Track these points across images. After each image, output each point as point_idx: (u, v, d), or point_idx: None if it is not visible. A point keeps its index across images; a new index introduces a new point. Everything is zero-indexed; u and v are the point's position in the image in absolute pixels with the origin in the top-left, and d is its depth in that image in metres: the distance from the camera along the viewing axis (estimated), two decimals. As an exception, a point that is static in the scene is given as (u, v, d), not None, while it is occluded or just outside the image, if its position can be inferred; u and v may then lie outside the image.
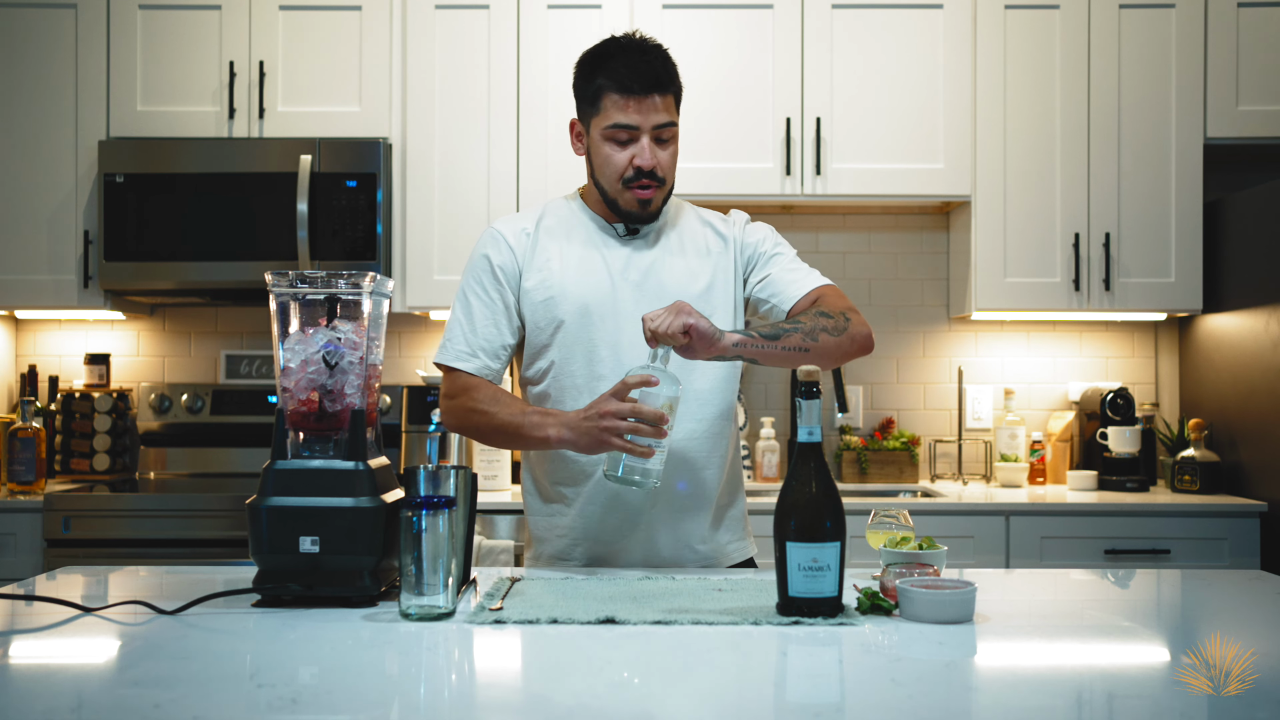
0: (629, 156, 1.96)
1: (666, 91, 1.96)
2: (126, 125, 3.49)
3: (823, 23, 3.49)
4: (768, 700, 1.27)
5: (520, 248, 2.03)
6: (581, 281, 2.00)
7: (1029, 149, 3.51)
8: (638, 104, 1.93)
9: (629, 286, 2.00)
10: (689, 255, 2.05)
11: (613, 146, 1.96)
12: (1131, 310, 3.52)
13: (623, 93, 1.93)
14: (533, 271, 2.01)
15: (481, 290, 2.02)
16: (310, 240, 3.37)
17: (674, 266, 2.03)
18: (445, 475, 1.69)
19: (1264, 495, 3.27)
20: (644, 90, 1.93)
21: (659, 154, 1.97)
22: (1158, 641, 1.57)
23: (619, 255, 2.03)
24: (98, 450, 3.63)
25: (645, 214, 2.00)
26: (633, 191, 1.97)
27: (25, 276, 3.51)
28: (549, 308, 1.99)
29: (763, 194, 3.49)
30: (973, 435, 3.83)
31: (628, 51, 1.96)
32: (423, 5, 3.50)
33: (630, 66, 1.93)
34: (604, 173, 1.99)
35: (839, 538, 1.55)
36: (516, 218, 2.08)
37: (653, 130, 1.95)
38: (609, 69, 1.95)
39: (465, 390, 1.99)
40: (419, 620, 1.55)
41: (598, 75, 1.96)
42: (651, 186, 1.97)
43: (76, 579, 1.93)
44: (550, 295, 1.99)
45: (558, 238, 2.04)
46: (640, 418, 1.75)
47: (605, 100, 1.95)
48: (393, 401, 3.70)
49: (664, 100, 1.96)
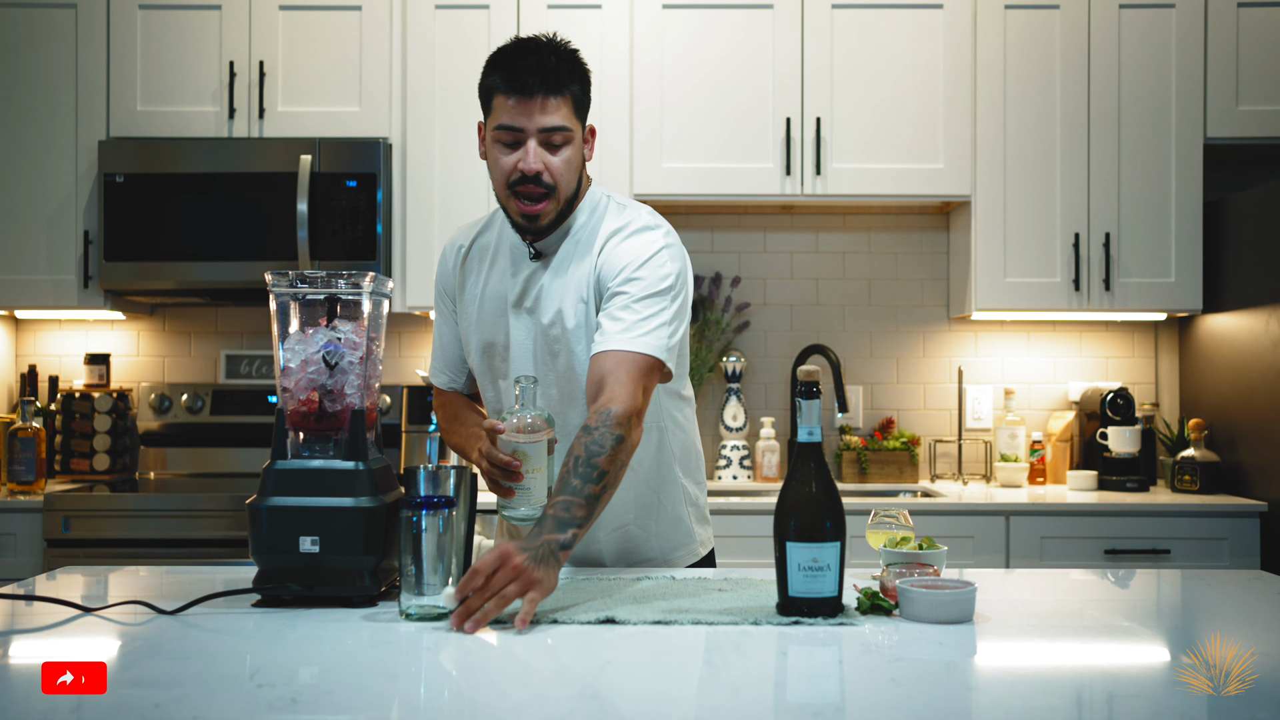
0: (514, 160, 1.84)
1: (559, 93, 1.83)
2: (126, 125, 3.49)
3: (823, 23, 3.49)
4: (768, 700, 1.27)
5: (454, 270, 2.05)
6: (486, 314, 1.98)
7: (1029, 149, 3.51)
8: (523, 105, 1.81)
9: (520, 315, 1.95)
10: (570, 276, 1.92)
11: (500, 149, 1.85)
12: (1131, 310, 3.52)
13: (509, 93, 1.82)
14: (461, 296, 2.04)
15: (439, 309, 2.11)
16: (310, 240, 3.37)
17: (553, 292, 1.92)
18: (445, 475, 1.68)
19: (1264, 495, 3.27)
20: (530, 91, 1.81)
21: (547, 158, 1.84)
22: (1158, 641, 1.57)
23: (520, 279, 1.95)
24: (98, 450, 3.63)
25: (534, 226, 1.88)
26: (517, 200, 1.85)
27: (25, 276, 3.51)
28: (465, 336, 2.04)
29: (763, 194, 3.49)
30: (973, 435, 3.83)
31: (523, 51, 1.84)
32: (423, 5, 3.50)
33: (516, 66, 1.82)
34: (493, 176, 1.89)
35: (839, 538, 1.55)
36: (464, 231, 2.08)
37: (540, 133, 1.83)
38: (500, 69, 1.84)
39: (440, 406, 2.15)
40: (419, 620, 1.55)
41: (491, 74, 1.86)
42: (539, 195, 1.85)
43: (76, 579, 1.93)
44: (466, 324, 2.03)
45: (484, 261, 2.01)
46: (491, 461, 1.74)
47: (495, 100, 1.85)
48: (393, 401, 3.70)
49: (556, 102, 1.83)
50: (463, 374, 2.11)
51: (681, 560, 2.06)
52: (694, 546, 2.08)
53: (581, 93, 1.88)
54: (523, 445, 1.74)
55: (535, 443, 1.75)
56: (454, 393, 2.13)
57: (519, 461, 1.73)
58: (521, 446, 1.74)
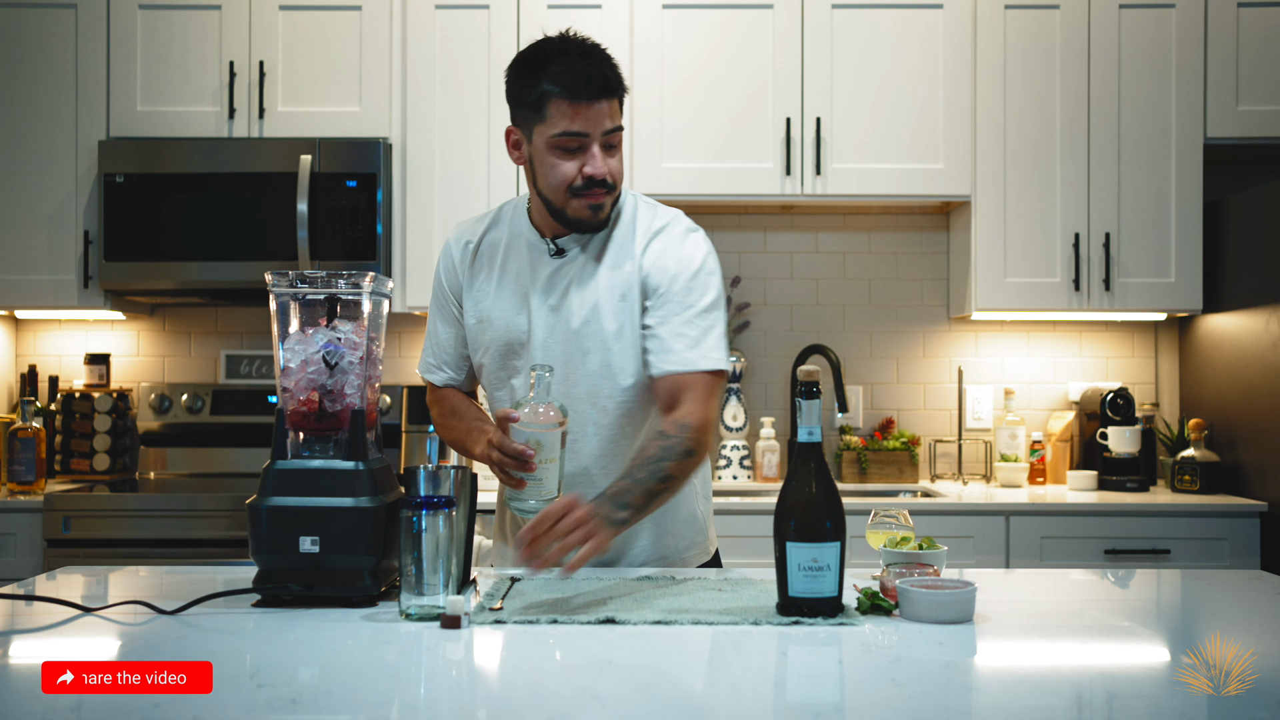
0: (578, 166, 1.84)
1: (614, 95, 1.85)
2: (126, 125, 3.49)
3: (823, 23, 3.49)
4: (768, 700, 1.27)
5: (462, 266, 2.02)
6: (504, 311, 1.97)
7: (1029, 149, 3.51)
8: (587, 111, 1.82)
9: (545, 313, 1.94)
10: (603, 275, 1.93)
11: (560, 155, 1.85)
12: (1131, 310, 3.52)
13: (572, 99, 1.81)
14: (470, 293, 2.01)
15: (438, 305, 2.07)
16: (310, 240, 3.37)
17: (585, 290, 1.93)
18: (445, 475, 1.68)
19: (1264, 495, 3.27)
20: (593, 96, 1.82)
21: (609, 161, 1.86)
22: (1158, 641, 1.57)
23: (543, 277, 1.95)
24: (98, 450, 3.63)
25: (596, 221, 1.89)
26: (583, 200, 1.86)
27: (25, 276, 3.51)
28: (478, 333, 2.00)
29: (763, 194, 3.49)
30: (973, 435, 3.83)
31: (570, 54, 1.84)
32: (423, 5, 3.50)
33: (578, 71, 1.82)
34: (549, 183, 1.87)
35: (839, 538, 1.55)
36: (469, 225, 2.06)
37: (602, 137, 1.85)
38: (554, 73, 1.82)
39: (435, 401, 2.11)
40: (419, 620, 1.55)
41: (540, 79, 1.83)
42: (601, 195, 1.86)
43: (76, 579, 1.93)
44: (479, 320, 2.00)
45: (495, 257, 2.00)
46: (503, 451, 1.73)
47: (551, 107, 1.83)
48: (393, 401, 3.70)
49: (611, 105, 1.85)
50: (461, 371, 2.08)
51: (694, 559, 2.06)
52: (705, 544, 2.09)
53: (626, 93, 1.91)
54: (538, 434, 1.73)
55: (550, 433, 1.74)
56: (449, 389, 2.10)
57: (533, 451, 1.72)
58: (536, 435, 1.73)
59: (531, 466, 1.72)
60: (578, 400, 1.94)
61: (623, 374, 1.93)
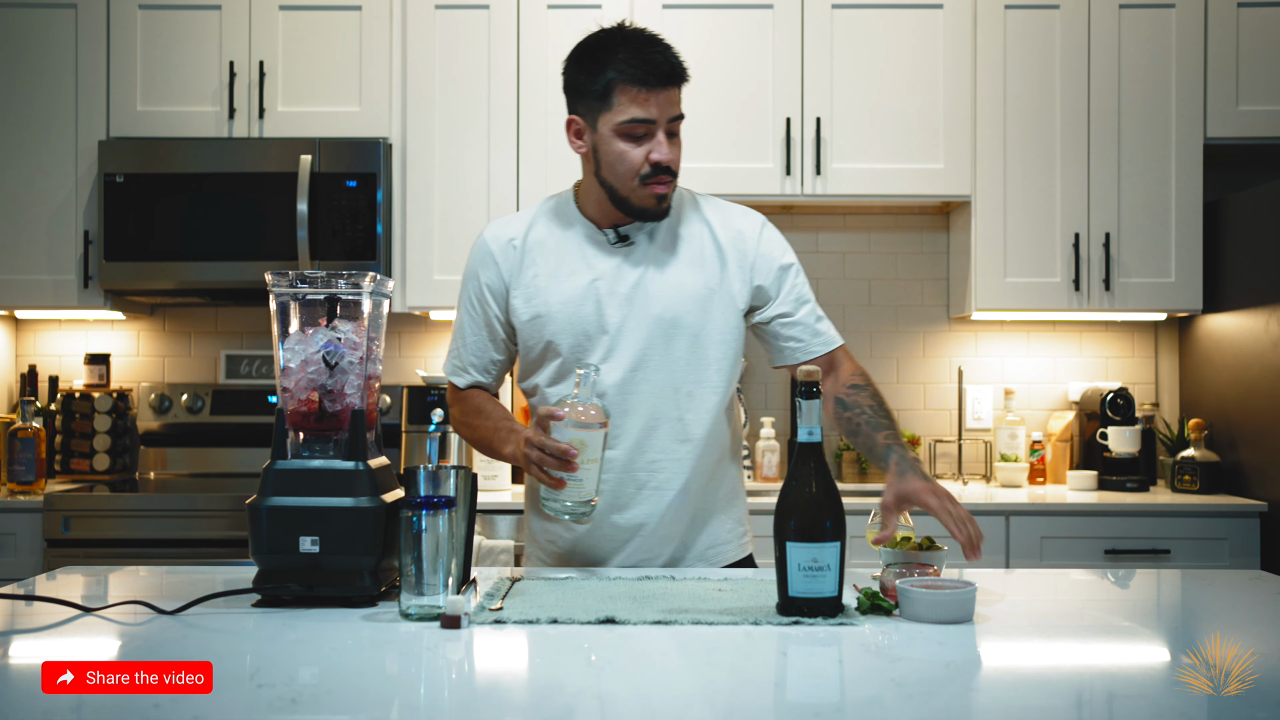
0: (645, 152, 1.88)
1: (679, 82, 1.90)
2: (126, 125, 3.49)
3: (823, 23, 3.49)
4: (768, 700, 1.27)
5: (508, 263, 1.99)
6: (568, 301, 1.94)
7: (1029, 149, 3.51)
8: (654, 97, 1.86)
9: (617, 301, 1.94)
10: (682, 261, 1.96)
11: (627, 142, 1.88)
12: (1131, 310, 3.52)
13: (641, 85, 1.85)
14: (520, 289, 1.98)
15: (470, 307, 2.04)
16: (310, 240, 3.37)
17: (666, 277, 1.95)
18: (445, 475, 1.68)
19: (1264, 495, 3.27)
20: (660, 83, 1.86)
21: (673, 149, 1.91)
22: (1158, 641, 1.57)
23: (608, 267, 1.95)
24: (98, 450, 3.63)
25: (660, 210, 1.92)
26: (649, 188, 1.89)
27: (25, 276, 3.51)
28: (536, 328, 1.97)
29: (763, 194, 3.49)
30: (973, 435, 3.83)
31: (636, 43, 1.88)
32: (423, 5, 3.50)
33: (645, 59, 1.86)
34: (616, 171, 1.90)
35: (839, 538, 1.55)
36: (507, 223, 2.04)
37: (667, 124, 1.89)
38: (621, 61, 1.86)
39: (457, 401, 2.10)
40: (419, 620, 1.55)
41: (607, 68, 1.87)
42: (667, 181, 1.90)
43: (76, 579, 1.93)
44: (537, 315, 1.96)
45: (547, 250, 1.98)
46: (544, 450, 1.72)
47: (619, 94, 1.87)
48: (393, 401, 3.70)
49: (676, 93, 1.90)
50: (488, 374, 2.06)
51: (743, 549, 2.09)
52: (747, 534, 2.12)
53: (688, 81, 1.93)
54: (581, 434, 1.71)
55: (594, 433, 1.72)
56: (472, 389, 2.08)
57: (576, 451, 1.71)
58: (580, 435, 1.71)
59: (574, 466, 1.71)
60: (658, 386, 1.94)
61: (712, 358, 1.96)
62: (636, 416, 1.93)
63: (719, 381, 1.98)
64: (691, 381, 1.96)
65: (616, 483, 1.94)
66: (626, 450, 1.94)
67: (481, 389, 2.08)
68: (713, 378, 1.97)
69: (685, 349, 1.94)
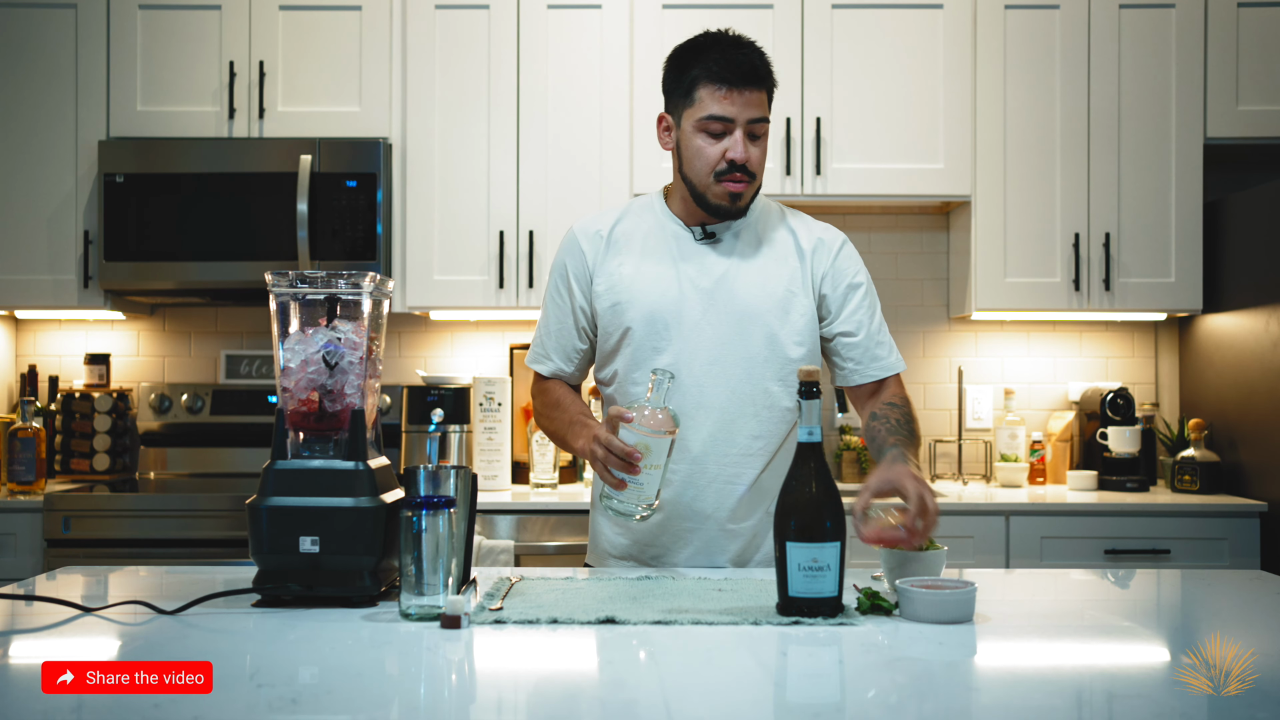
0: (722, 150, 1.92)
1: (762, 86, 1.94)
2: (126, 125, 3.49)
3: (823, 23, 3.49)
4: (768, 700, 1.27)
5: (593, 251, 2.04)
6: (649, 290, 1.99)
7: (1029, 149, 3.51)
8: (734, 96, 1.91)
9: (699, 295, 1.98)
10: (766, 262, 2.02)
11: (705, 139, 1.93)
12: (1131, 310, 3.52)
13: (720, 84, 1.91)
14: (603, 276, 2.02)
15: (556, 294, 2.08)
16: (310, 240, 3.37)
17: (748, 275, 2.00)
18: (445, 475, 1.68)
19: (1264, 495, 3.27)
20: (741, 83, 1.90)
21: (750, 148, 1.93)
22: (1158, 641, 1.58)
23: (693, 261, 2.00)
24: (98, 450, 3.63)
25: (735, 208, 1.97)
26: (724, 184, 1.94)
27: (25, 276, 3.51)
28: (616, 314, 2.00)
29: (762, 194, 3.48)
30: (973, 435, 3.83)
31: (723, 44, 1.94)
32: (423, 5, 3.50)
33: (728, 58, 1.91)
34: (694, 166, 1.95)
35: (839, 538, 1.55)
36: (595, 218, 2.09)
37: (746, 124, 1.92)
38: (705, 60, 1.92)
39: (539, 393, 2.12)
40: (419, 620, 1.55)
41: (693, 67, 1.94)
42: (743, 180, 1.94)
43: (76, 579, 1.93)
44: (617, 301, 2.00)
45: (632, 242, 2.03)
46: (610, 449, 1.72)
47: (700, 91, 1.92)
48: (393, 401, 3.70)
49: (758, 95, 1.93)
50: (571, 363, 2.08)
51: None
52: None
53: (774, 87, 1.99)
54: (648, 439, 1.71)
55: (660, 439, 1.72)
56: (555, 380, 2.10)
57: (640, 455, 1.71)
58: (646, 440, 1.71)
59: (636, 470, 1.71)
60: (736, 380, 1.96)
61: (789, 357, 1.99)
62: (711, 409, 1.96)
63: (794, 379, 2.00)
64: (768, 378, 1.98)
65: (687, 474, 1.96)
66: (701, 441, 1.96)
67: (562, 380, 2.10)
68: (789, 376, 2.00)
69: (762, 345, 1.98)
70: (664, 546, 2.00)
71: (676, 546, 2.00)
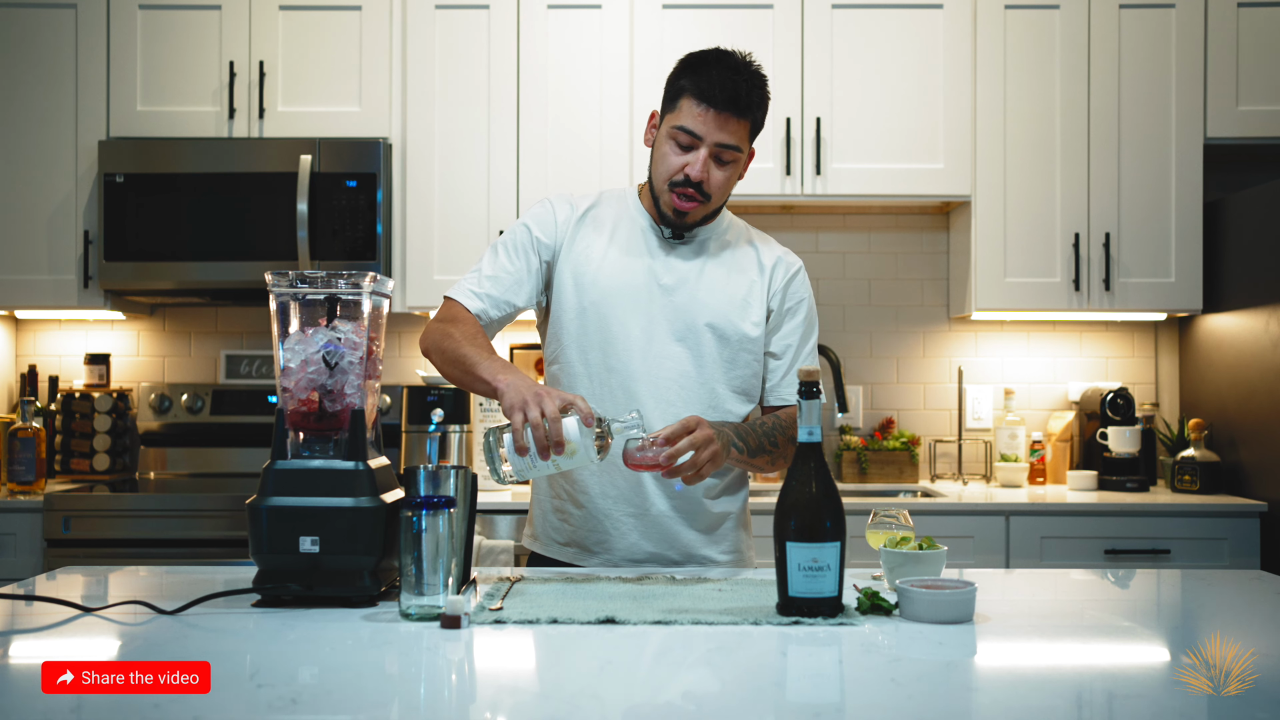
0: (684, 162, 1.94)
1: (743, 116, 1.93)
2: (126, 125, 3.49)
3: (823, 23, 3.49)
4: (768, 700, 1.27)
5: (564, 226, 2.05)
6: (615, 275, 2.01)
7: (1029, 149, 3.51)
8: (709, 116, 1.92)
9: (659, 291, 2.01)
10: (728, 270, 2.05)
11: (673, 147, 1.96)
12: (1131, 310, 3.52)
13: (701, 100, 1.92)
14: (569, 255, 2.03)
15: (513, 248, 2.04)
16: (310, 240, 3.37)
17: (711, 279, 2.03)
18: (445, 475, 1.68)
19: (1264, 495, 3.27)
20: (721, 106, 1.91)
21: (713, 171, 1.95)
22: (1158, 641, 1.57)
23: (659, 258, 2.03)
24: (98, 450, 3.63)
25: (680, 223, 2.00)
26: (674, 195, 1.96)
27: (25, 276, 3.51)
28: (576, 294, 2.01)
29: (763, 194, 3.49)
30: (973, 435, 3.83)
31: (722, 65, 1.93)
32: (423, 5, 3.50)
33: (718, 79, 1.91)
34: (657, 168, 1.99)
35: (839, 538, 1.55)
36: (569, 197, 2.10)
37: (714, 146, 1.93)
38: (699, 74, 1.93)
39: (454, 318, 1.97)
40: (419, 620, 1.55)
41: (685, 76, 1.96)
42: (694, 200, 1.96)
43: (76, 579, 1.93)
44: (580, 282, 2.01)
45: (603, 229, 2.05)
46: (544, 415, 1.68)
47: (683, 101, 1.94)
48: (393, 401, 3.70)
49: (736, 124, 1.93)
50: (499, 310, 2.00)
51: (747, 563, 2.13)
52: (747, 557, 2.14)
53: (761, 119, 1.99)
54: (582, 449, 1.71)
55: (590, 458, 1.73)
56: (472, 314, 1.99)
57: (563, 446, 1.69)
58: (581, 442, 1.71)
59: (546, 455, 1.69)
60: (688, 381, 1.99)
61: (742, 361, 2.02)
62: (659, 400, 1.98)
63: (743, 385, 2.04)
64: (716, 379, 2.01)
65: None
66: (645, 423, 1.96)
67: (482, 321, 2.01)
68: (740, 380, 2.03)
69: (716, 348, 2.01)
70: (605, 532, 2.01)
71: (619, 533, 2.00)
